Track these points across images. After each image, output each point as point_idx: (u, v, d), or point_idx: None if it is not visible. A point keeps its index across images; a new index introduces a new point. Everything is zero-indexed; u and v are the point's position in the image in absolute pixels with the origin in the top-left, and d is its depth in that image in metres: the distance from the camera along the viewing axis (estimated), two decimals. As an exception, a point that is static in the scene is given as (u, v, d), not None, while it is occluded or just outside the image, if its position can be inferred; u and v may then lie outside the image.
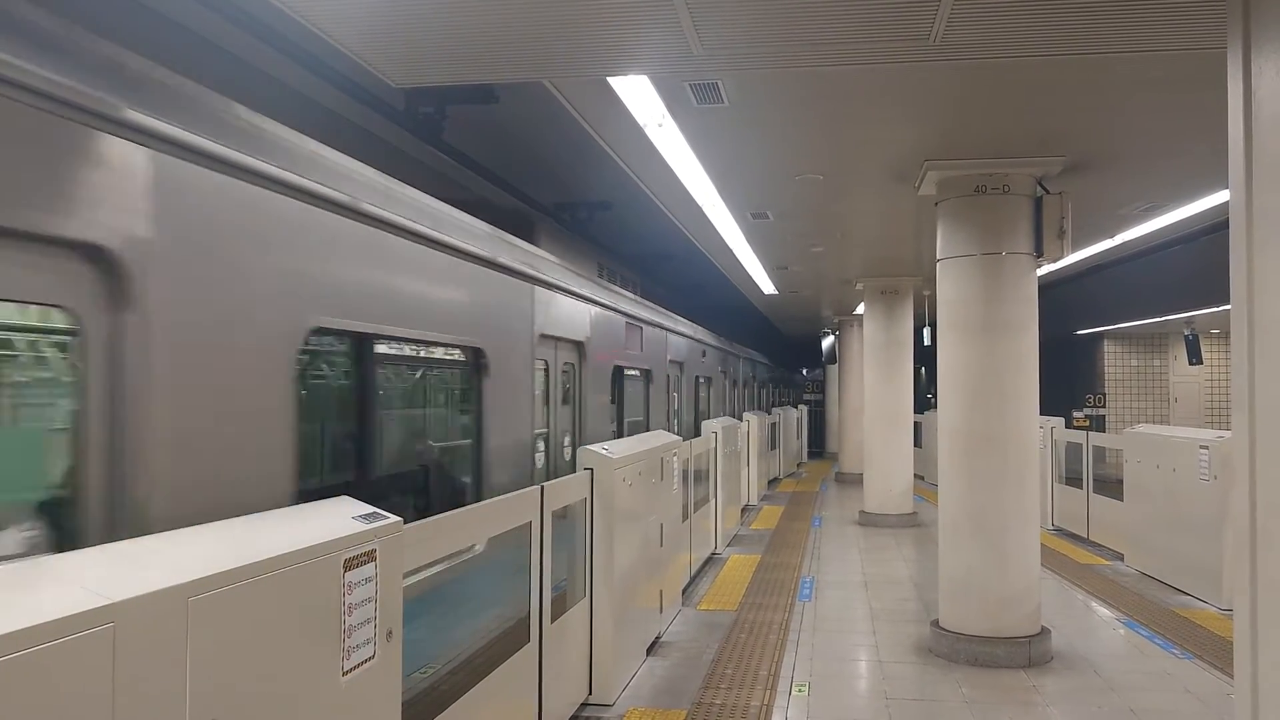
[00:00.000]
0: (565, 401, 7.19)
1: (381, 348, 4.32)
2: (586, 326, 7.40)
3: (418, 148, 7.60)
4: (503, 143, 8.86)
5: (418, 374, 5.23)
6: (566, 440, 7.26)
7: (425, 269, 4.52)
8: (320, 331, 3.57)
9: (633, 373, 9.56)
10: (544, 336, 6.35)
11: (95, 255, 2.49)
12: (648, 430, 9.75)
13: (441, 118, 7.13)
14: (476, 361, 5.26)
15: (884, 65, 4.52)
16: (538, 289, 6.18)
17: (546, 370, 6.64)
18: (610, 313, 8.23)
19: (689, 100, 5.47)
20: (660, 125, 5.96)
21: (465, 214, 5.20)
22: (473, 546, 4.40)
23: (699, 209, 8.70)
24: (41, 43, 2.36)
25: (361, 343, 4.06)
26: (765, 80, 5.22)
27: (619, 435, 8.74)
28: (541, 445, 6.61)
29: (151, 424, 2.64)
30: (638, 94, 5.35)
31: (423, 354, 4.98)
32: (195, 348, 2.83)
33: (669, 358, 11.37)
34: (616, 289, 8.98)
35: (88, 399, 2.50)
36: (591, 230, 11.88)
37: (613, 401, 8.63)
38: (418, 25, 3.74)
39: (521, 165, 9.65)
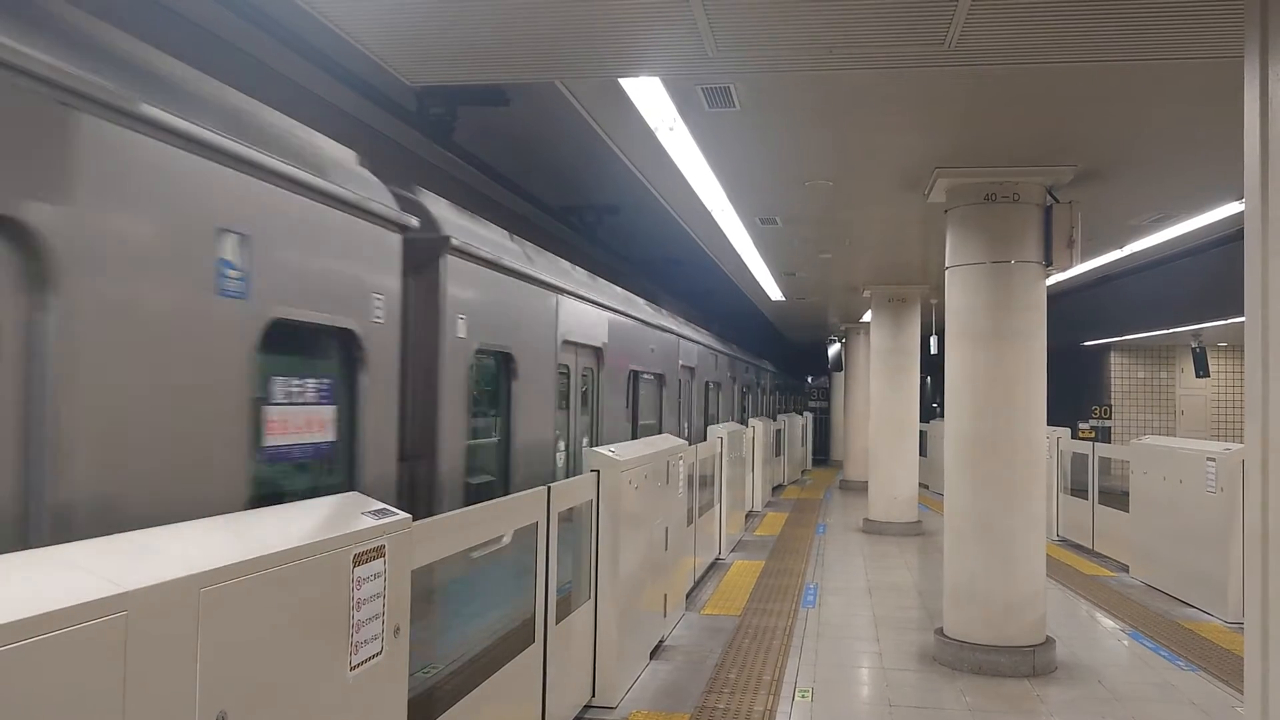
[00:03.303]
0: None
1: None
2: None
3: (428, 148, 7.62)
4: (513, 145, 8.88)
5: None
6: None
7: None
8: None
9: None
10: None
11: None
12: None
13: (453, 119, 7.15)
14: None
15: (898, 70, 4.52)
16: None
17: None
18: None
19: (700, 104, 5.47)
20: (671, 129, 5.97)
21: None
22: None
23: (708, 213, 8.70)
24: None
25: None
26: (777, 85, 5.22)
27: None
28: None
29: None
30: (649, 97, 5.36)
31: None
32: None
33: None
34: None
35: None
36: (601, 234, 11.87)
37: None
38: (434, 23, 3.75)
39: (531, 167, 9.67)
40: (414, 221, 4.18)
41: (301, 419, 3.42)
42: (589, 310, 7.20)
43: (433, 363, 4.55)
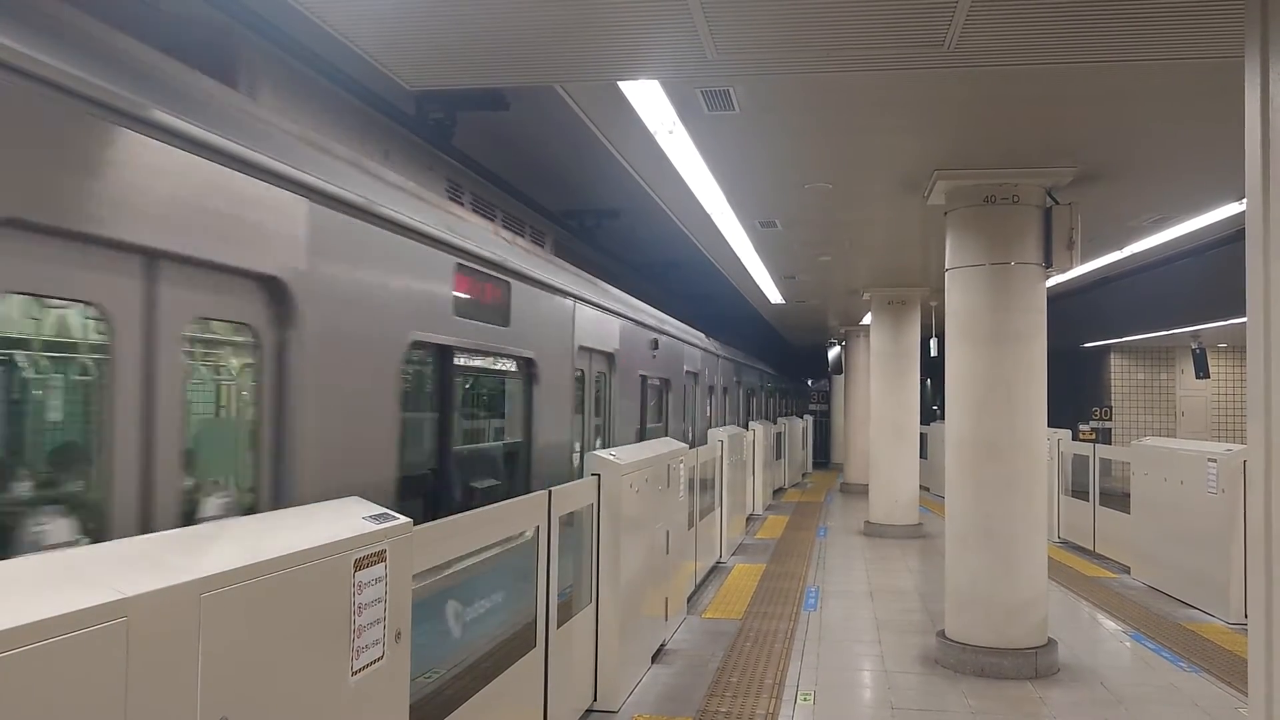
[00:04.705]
0: None
1: None
2: None
3: (427, 153, 7.60)
4: (513, 149, 8.88)
5: None
6: None
7: None
8: None
9: None
10: None
11: None
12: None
13: (452, 123, 7.14)
14: None
15: (897, 72, 4.52)
16: None
17: None
18: None
19: (700, 107, 5.47)
20: (671, 132, 5.97)
21: None
22: None
23: (708, 217, 8.70)
24: None
25: None
26: (776, 88, 5.22)
27: None
28: None
29: None
30: (649, 100, 5.35)
31: None
32: None
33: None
34: None
35: None
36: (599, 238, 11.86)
37: None
38: (433, 28, 3.75)
39: (531, 171, 9.67)
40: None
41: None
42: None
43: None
